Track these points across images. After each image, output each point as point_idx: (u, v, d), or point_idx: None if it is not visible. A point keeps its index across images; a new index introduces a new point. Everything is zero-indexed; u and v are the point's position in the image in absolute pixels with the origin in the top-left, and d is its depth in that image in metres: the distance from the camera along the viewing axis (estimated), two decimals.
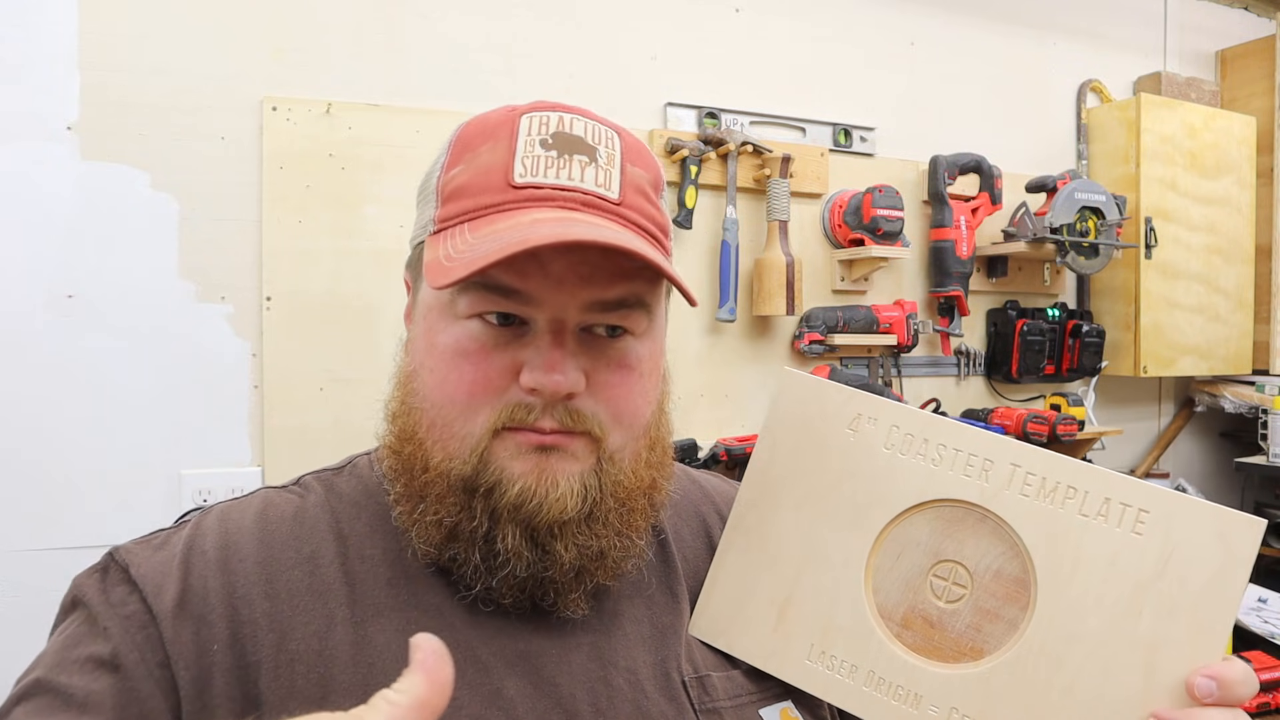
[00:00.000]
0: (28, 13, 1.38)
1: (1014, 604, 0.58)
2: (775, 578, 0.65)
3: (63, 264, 1.40)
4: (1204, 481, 2.58)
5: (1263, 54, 2.47)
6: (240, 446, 1.51)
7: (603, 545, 0.59)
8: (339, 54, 1.57)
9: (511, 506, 0.57)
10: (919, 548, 0.61)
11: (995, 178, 2.06)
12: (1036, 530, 0.58)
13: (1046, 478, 0.58)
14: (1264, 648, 1.92)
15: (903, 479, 0.62)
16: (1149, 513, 0.55)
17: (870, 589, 0.62)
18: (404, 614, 0.59)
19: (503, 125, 0.60)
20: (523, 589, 0.59)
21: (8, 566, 1.37)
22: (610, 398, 0.59)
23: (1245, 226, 2.39)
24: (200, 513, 0.64)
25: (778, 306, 1.83)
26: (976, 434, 0.61)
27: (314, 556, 0.61)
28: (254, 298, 1.51)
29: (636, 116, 1.82)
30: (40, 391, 1.39)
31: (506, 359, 0.57)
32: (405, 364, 0.63)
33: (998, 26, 2.25)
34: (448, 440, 0.58)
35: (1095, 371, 2.24)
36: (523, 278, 0.56)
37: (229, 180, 1.49)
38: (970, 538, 0.60)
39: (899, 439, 0.63)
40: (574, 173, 0.58)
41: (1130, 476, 0.57)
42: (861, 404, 0.64)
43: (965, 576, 0.60)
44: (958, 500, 0.60)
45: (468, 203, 0.58)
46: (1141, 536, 0.55)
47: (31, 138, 1.38)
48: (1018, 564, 0.58)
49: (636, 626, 0.64)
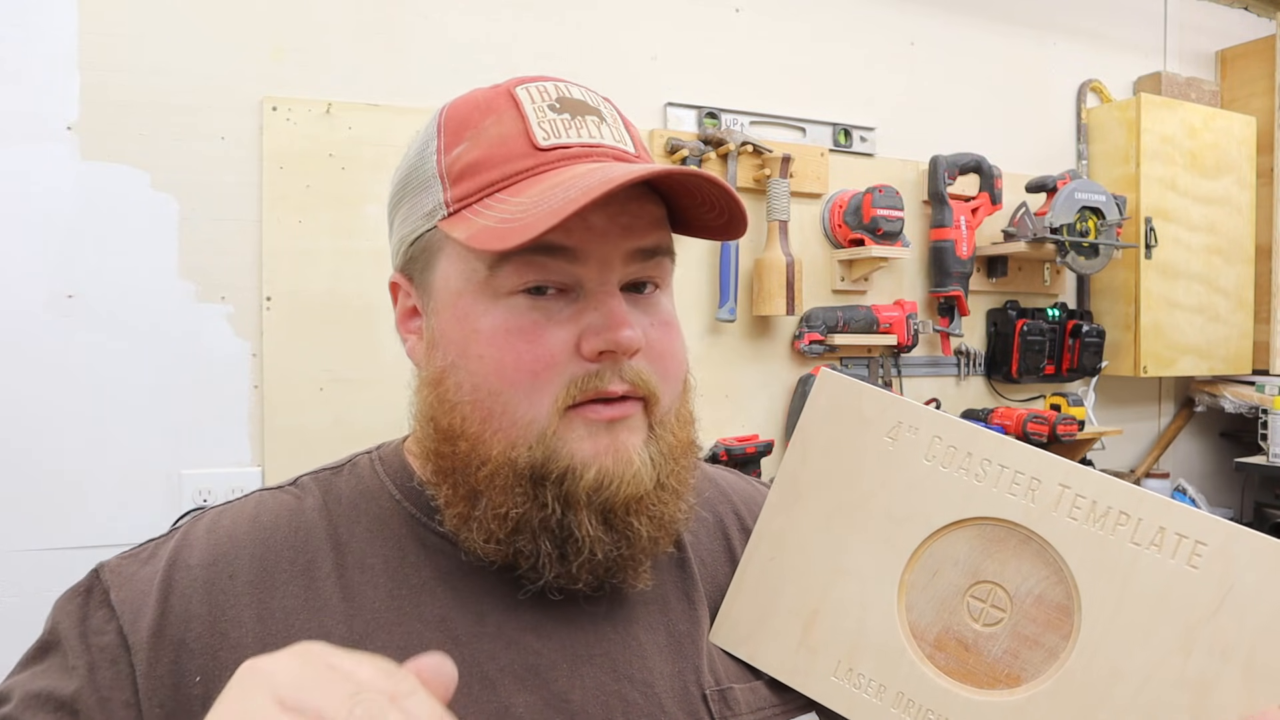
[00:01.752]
0: (28, 13, 1.38)
1: (1055, 631, 0.55)
2: (803, 589, 0.62)
3: (63, 264, 1.40)
4: (1204, 481, 2.58)
5: (1263, 54, 2.47)
6: (240, 446, 1.50)
7: (670, 511, 0.58)
8: (339, 54, 1.57)
9: (590, 491, 0.54)
10: (957, 566, 0.58)
11: (995, 178, 2.06)
12: (1084, 556, 0.54)
13: (1098, 501, 0.54)
14: None
15: (943, 493, 0.59)
16: (1206, 545, 0.52)
17: (904, 606, 0.59)
18: (405, 627, 0.56)
19: (499, 98, 0.59)
20: (594, 571, 0.56)
21: (8, 566, 1.37)
22: (661, 354, 0.58)
23: (1245, 226, 2.39)
24: (190, 520, 0.62)
25: (778, 306, 1.83)
26: (1024, 450, 0.57)
27: (310, 568, 0.58)
28: (254, 298, 1.51)
29: (636, 116, 1.80)
30: (40, 391, 1.39)
31: (564, 331, 0.55)
32: (434, 361, 0.59)
33: (998, 26, 2.25)
34: (509, 428, 0.55)
35: (1095, 371, 2.24)
36: (567, 233, 0.53)
37: (229, 180, 1.49)
38: (1012, 559, 0.56)
39: (940, 451, 0.59)
40: (592, 131, 0.58)
41: (1189, 506, 0.53)
42: (903, 411, 0.61)
43: (1005, 599, 0.57)
44: (1001, 519, 0.57)
45: (491, 174, 0.56)
46: (1197, 570, 0.51)
47: (31, 138, 1.38)
48: (1061, 590, 0.55)
49: (652, 635, 0.61)
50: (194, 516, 0.62)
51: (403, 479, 0.63)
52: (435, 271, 0.59)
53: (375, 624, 0.56)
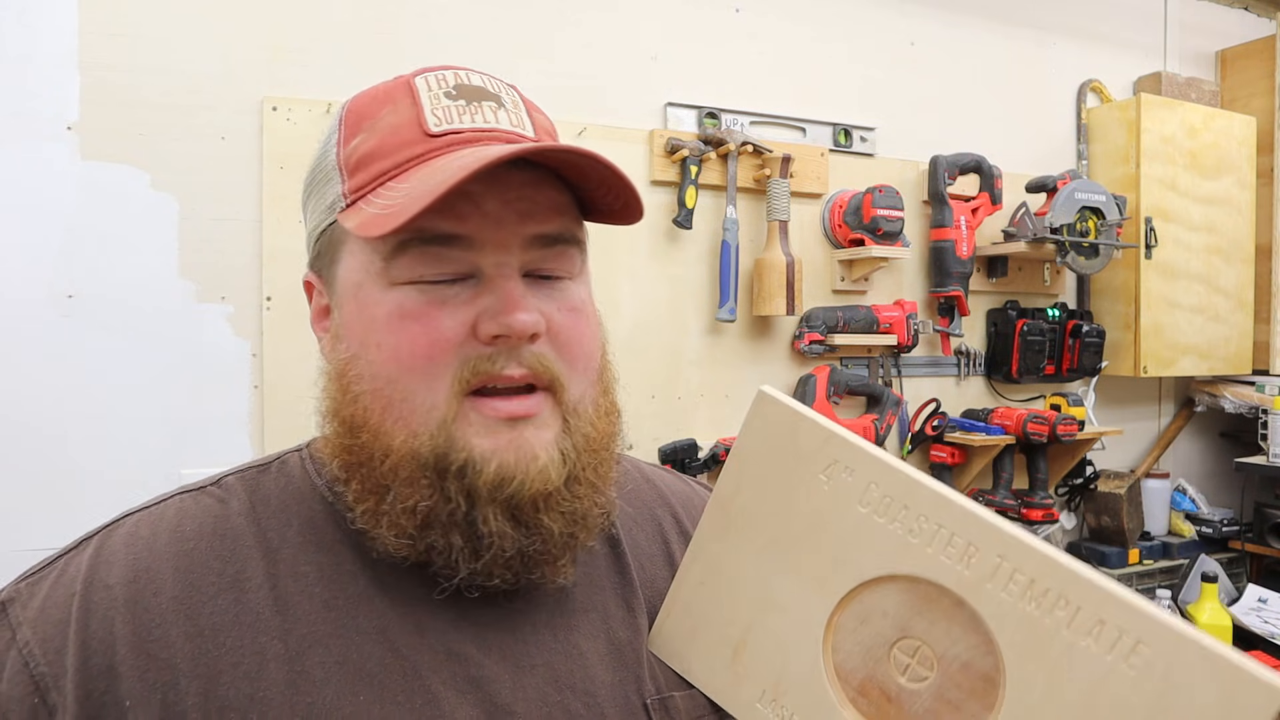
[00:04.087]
0: (28, 12, 1.38)
1: (979, 701, 0.52)
2: (733, 617, 0.61)
3: (63, 264, 1.40)
4: (1204, 481, 2.58)
5: (1263, 54, 2.47)
6: (240, 446, 1.50)
7: (584, 506, 0.57)
8: (339, 54, 1.57)
9: (491, 486, 0.53)
10: (886, 618, 0.56)
11: (995, 178, 2.06)
12: (1015, 636, 0.51)
13: (1036, 581, 0.51)
14: (1264, 648, 1.92)
15: (876, 545, 0.56)
16: (1147, 646, 0.48)
17: (829, 647, 0.57)
18: (344, 640, 0.54)
19: (397, 89, 0.58)
20: (509, 568, 0.55)
21: (8, 566, 1.37)
22: (566, 341, 0.57)
23: (1245, 226, 2.39)
24: (104, 531, 0.58)
25: (778, 306, 1.83)
26: (964, 511, 0.54)
27: (239, 580, 0.55)
28: (254, 298, 1.51)
29: (636, 116, 1.82)
30: (40, 391, 1.39)
31: (459, 315, 0.54)
32: (338, 354, 0.58)
33: (998, 26, 2.25)
34: (409, 416, 0.54)
35: (1095, 371, 2.24)
36: (461, 220, 0.53)
37: (229, 180, 1.49)
38: (942, 620, 0.54)
39: (876, 498, 0.56)
40: (488, 116, 0.57)
41: (1136, 595, 0.49)
42: (839, 450, 0.57)
43: (931, 659, 0.54)
44: (933, 582, 0.54)
45: (383, 163, 0.56)
46: (1134, 671, 0.48)
47: (31, 138, 1.38)
48: (990, 661, 0.52)
49: (593, 644, 0.60)
50: (108, 528, 0.59)
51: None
52: (340, 265, 0.58)
53: (312, 638, 0.54)
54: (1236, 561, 2.37)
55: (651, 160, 1.79)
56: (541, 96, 1.95)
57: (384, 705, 0.53)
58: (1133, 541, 2.25)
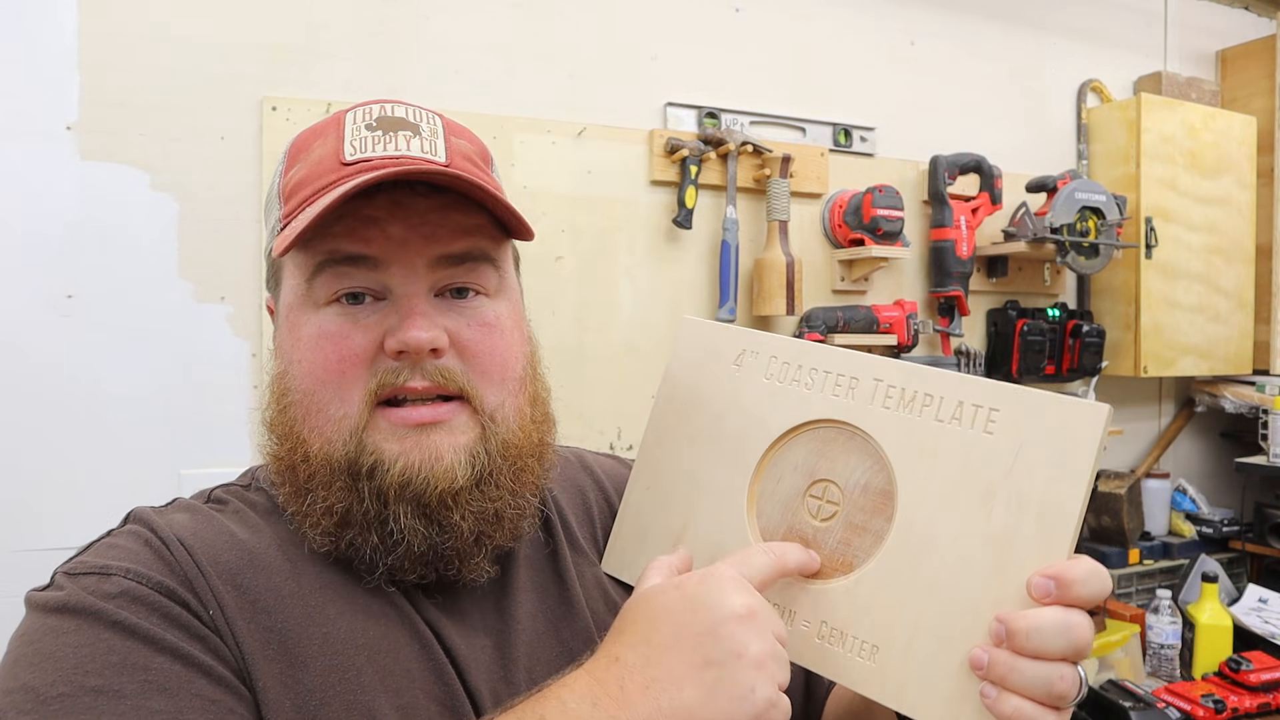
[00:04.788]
0: (28, 13, 1.38)
1: (880, 515, 0.59)
2: (672, 510, 0.68)
3: (63, 264, 1.40)
4: (1204, 481, 2.57)
5: (1263, 54, 2.47)
6: (240, 446, 1.50)
7: (498, 507, 0.61)
8: (339, 54, 1.57)
9: (398, 485, 0.57)
10: (796, 470, 0.63)
11: (995, 178, 2.06)
12: (896, 439, 0.59)
13: (905, 388, 0.60)
14: (1264, 648, 1.92)
15: (780, 406, 0.64)
16: (999, 411, 0.56)
17: (754, 514, 0.64)
18: (349, 600, 0.60)
19: (330, 123, 0.64)
20: (424, 563, 0.59)
21: (8, 566, 1.37)
22: (476, 354, 0.61)
23: (1245, 226, 2.39)
24: (118, 527, 0.62)
25: (778, 306, 1.83)
26: (846, 355, 0.63)
27: (250, 547, 0.60)
28: (254, 298, 1.51)
29: (636, 116, 1.82)
30: (40, 391, 1.39)
31: (369, 333, 0.59)
32: (274, 369, 0.64)
33: (998, 26, 2.25)
34: (324, 425, 0.59)
35: (1095, 371, 2.24)
36: (365, 243, 0.58)
37: (229, 180, 1.49)
38: (841, 455, 0.62)
39: (777, 369, 0.66)
40: (400, 145, 0.61)
41: (987, 379, 0.58)
42: (747, 340, 0.68)
43: (837, 494, 0.61)
44: (828, 420, 0.62)
45: (306, 190, 0.60)
46: (992, 435, 0.56)
47: (31, 138, 1.38)
48: (883, 476, 0.60)
49: (534, 622, 0.65)
50: (118, 530, 0.62)
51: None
52: (282, 287, 0.64)
53: (322, 593, 0.59)
54: (1237, 561, 2.36)
55: (651, 160, 1.79)
56: (541, 96, 1.94)
57: (389, 641, 0.58)
58: (1133, 541, 2.25)
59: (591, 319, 1.76)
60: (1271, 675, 1.79)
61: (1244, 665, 1.81)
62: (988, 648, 0.52)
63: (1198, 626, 1.93)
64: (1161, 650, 1.93)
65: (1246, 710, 1.74)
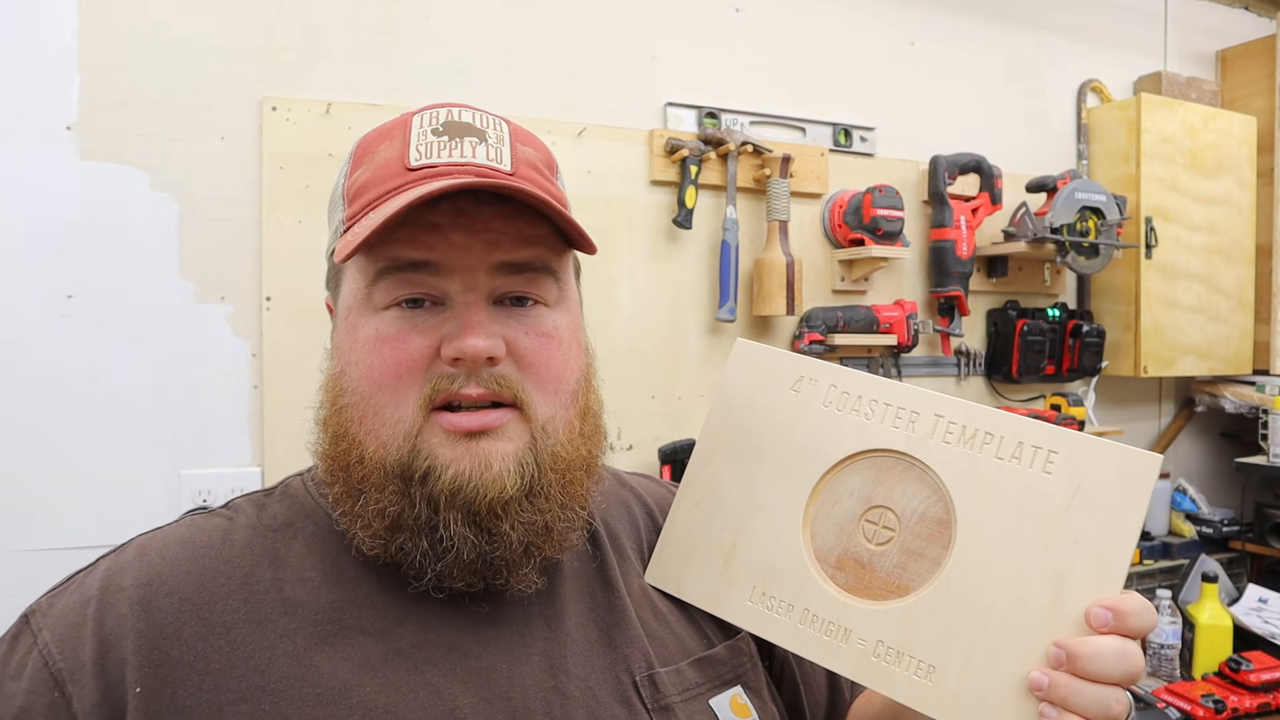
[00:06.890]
0: (28, 13, 1.38)
1: (937, 543, 0.62)
2: (722, 526, 0.70)
3: (63, 264, 1.40)
4: (1204, 481, 2.57)
5: (1263, 54, 2.47)
6: (240, 446, 1.50)
7: (547, 519, 0.61)
8: (339, 54, 1.57)
9: (449, 492, 0.57)
10: (852, 496, 0.66)
11: (995, 178, 2.06)
12: (956, 474, 0.62)
13: (966, 425, 0.63)
14: (1264, 648, 1.92)
15: (838, 432, 0.67)
16: (1058, 453, 0.59)
17: (808, 534, 0.67)
18: (349, 639, 0.58)
19: (397, 126, 0.63)
20: (473, 571, 0.59)
21: (8, 566, 1.37)
22: (532, 364, 0.61)
23: (1245, 226, 2.39)
24: (117, 551, 0.62)
25: (778, 306, 1.83)
26: (905, 389, 0.66)
27: (248, 582, 0.59)
28: (254, 298, 1.51)
29: (636, 116, 1.82)
30: (40, 391, 1.39)
31: (427, 338, 0.59)
32: (331, 370, 0.64)
33: (997, 26, 2.25)
34: (380, 429, 0.59)
35: (1095, 371, 2.24)
36: (428, 249, 0.58)
37: (229, 180, 1.49)
38: (898, 484, 0.64)
39: (836, 397, 0.68)
40: (466, 151, 0.61)
41: (1043, 422, 0.62)
42: (804, 367, 0.70)
43: (894, 520, 0.64)
44: (887, 450, 0.65)
45: (371, 194, 0.60)
46: (1050, 475, 0.59)
47: (31, 138, 1.38)
48: (941, 506, 0.62)
49: (584, 631, 0.65)
50: (121, 547, 0.63)
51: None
52: (342, 289, 0.64)
53: (319, 636, 0.58)
54: (1237, 561, 2.36)
55: (651, 160, 1.79)
56: (541, 96, 1.94)
57: (389, 695, 0.56)
58: None
59: (591, 319, 1.73)
60: (1271, 675, 1.79)
61: (1244, 665, 1.81)
62: (1047, 670, 0.55)
63: (1198, 626, 1.93)
64: (1161, 650, 1.93)
65: (1246, 710, 1.74)
